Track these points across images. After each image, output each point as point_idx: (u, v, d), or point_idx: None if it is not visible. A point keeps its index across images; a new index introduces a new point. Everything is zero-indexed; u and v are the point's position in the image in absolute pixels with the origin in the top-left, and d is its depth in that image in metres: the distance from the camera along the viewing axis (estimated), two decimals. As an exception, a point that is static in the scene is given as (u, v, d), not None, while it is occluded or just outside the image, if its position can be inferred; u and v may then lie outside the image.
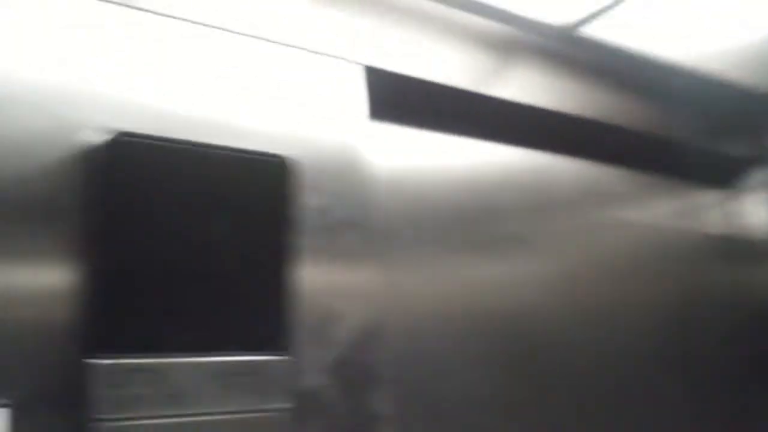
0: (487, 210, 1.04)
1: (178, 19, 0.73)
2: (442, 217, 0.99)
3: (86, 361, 0.58)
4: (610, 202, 1.23)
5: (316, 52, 0.83)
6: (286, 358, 0.68)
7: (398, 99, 0.94)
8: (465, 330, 0.97)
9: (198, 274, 0.63)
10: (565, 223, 1.15)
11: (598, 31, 1.04)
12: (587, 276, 1.15)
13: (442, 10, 0.96)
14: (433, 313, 0.95)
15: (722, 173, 1.40)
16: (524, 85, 1.03)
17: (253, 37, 0.78)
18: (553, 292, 1.09)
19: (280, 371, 0.67)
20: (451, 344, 0.95)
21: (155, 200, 0.61)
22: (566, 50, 1.09)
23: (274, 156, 0.67)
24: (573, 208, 1.17)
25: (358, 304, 0.77)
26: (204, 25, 0.74)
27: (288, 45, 0.80)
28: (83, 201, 0.61)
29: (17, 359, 0.57)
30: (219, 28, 0.75)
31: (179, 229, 0.62)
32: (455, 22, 0.98)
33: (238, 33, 0.77)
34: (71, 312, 0.59)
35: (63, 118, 0.63)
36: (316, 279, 0.75)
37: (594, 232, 1.19)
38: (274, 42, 0.79)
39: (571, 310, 1.10)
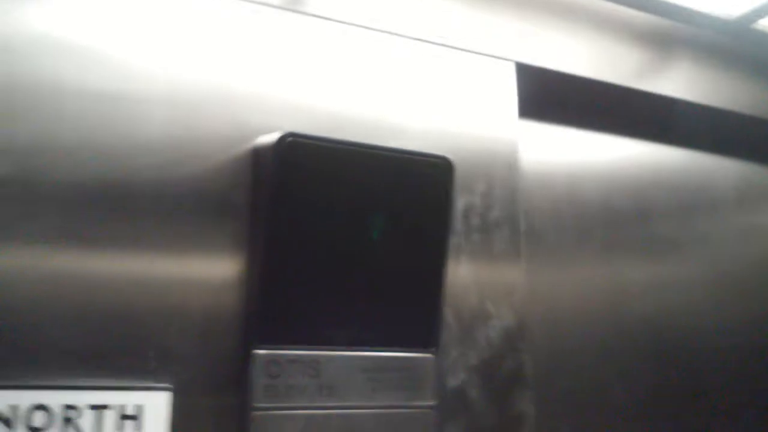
0: (636, 211, 1.00)
1: (339, 22, 0.74)
2: (591, 217, 0.96)
3: (248, 350, 0.60)
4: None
5: (467, 50, 0.82)
6: (434, 356, 0.68)
7: (549, 96, 0.91)
8: (608, 333, 0.94)
9: (356, 272, 0.64)
10: (718, 226, 1.09)
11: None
12: (739, 282, 1.08)
13: (599, 3, 0.92)
14: (577, 315, 0.92)
15: None
16: (683, 81, 0.98)
17: (405, 36, 0.78)
18: (702, 297, 1.04)
19: (427, 368, 0.67)
20: (593, 347, 0.93)
21: (320, 199, 0.62)
22: (732, 44, 1.02)
23: (438, 157, 0.68)
24: (727, 211, 1.10)
25: (505, 305, 0.76)
26: (359, 26, 0.75)
27: (439, 44, 0.80)
28: (253, 199, 0.64)
29: (183, 346, 0.60)
30: (372, 29, 0.76)
31: (342, 228, 0.63)
32: (611, 15, 0.94)
33: (391, 33, 0.77)
34: (237, 304, 0.63)
35: (241, 121, 0.66)
36: (464, 278, 0.74)
37: (748, 236, 1.12)
38: (425, 41, 0.79)
39: (721, 317, 1.05)
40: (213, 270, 0.63)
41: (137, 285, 0.60)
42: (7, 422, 0.53)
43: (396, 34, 0.77)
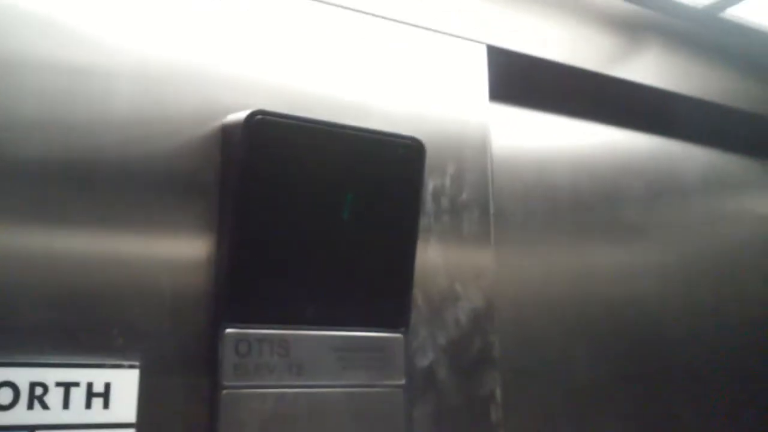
0: (605, 196, 1.01)
1: (310, -2, 0.74)
2: (559, 201, 0.97)
3: (218, 329, 0.61)
4: (734, 192, 1.18)
5: (439, 32, 0.82)
6: (403, 335, 0.69)
7: (520, 80, 0.92)
8: (574, 317, 0.96)
9: (326, 251, 0.65)
10: (685, 213, 1.11)
11: (740, 13, 0.98)
12: (704, 268, 1.11)
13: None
14: (543, 298, 0.94)
15: None
16: (653, 68, 0.99)
17: (374, 15, 0.78)
18: (667, 283, 1.06)
19: (396, 348, 0.68)
20: (558, 330, 0.94)
21: (290, 178, 0.62)
22: (703, 32, 1.03)
23: (409, 138, 0.68)
24: (695, 198, 1.12)
25: (474, 286, 0.77)
26: (330, 4, 0.75)
27: (410, 24, 0.80)
28: (222, 177, 0.64)
29: (152, 324, 0.60)
30: (342, 6, 0.76)
31: (311, 207, 0.63)
32: (583, 1, 0.95)
33: (360, 11, 0.77)
34: (207, 283, 0.62)
35: (210, 99, 0.66)
36: (433, 260, 0.75)
37: (715, 223, 1.14)
38: (395, 21, 0.79)
39: (684, 303, 1.07)
40: (182, 248, 0.62)
41: (105, 263, 0.59)
42: (-28, 399, 0.52)
43: (367, 13, 0.77)
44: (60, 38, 0.61)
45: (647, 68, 0.99)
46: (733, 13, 1.00)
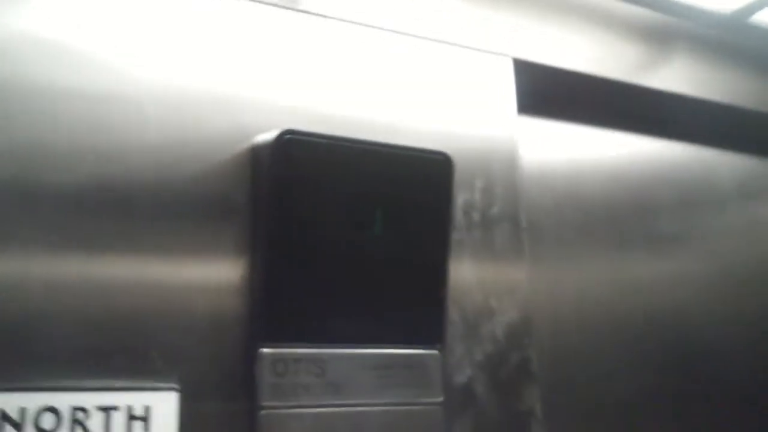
0: (638, 207, 1.00)
1: (335, 19, 0.75)
2: (592, 213, 0.96)
3: (254, 349, 0.61)
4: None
5: (464, 46, 0.82)
6: (439, 352, 0.68)
7: (548, 92, 0.92)
8: (611, 331, 0.94)
9: (359, 270, 0.65)
10: (721, 221, 1.09)
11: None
12: (744, 277, 1.08)
13: (596, -1, 0.93)
14: (579, 313, 0.92)
15: None
16: (682, 76, 0.98)
17: (401, 33, 0.79)
18: (707, 293, 1.04)
19: (433, 365, 0.68)
20: (596, 345, 0.93)
21: (320, 196, 0.63)
22: (731, 39, 1.02)
23: (437, 153, 0.68)
24: (731, 205, 1.11)
25: (509, 300, 0.76)
26: (355, 23, 0.76)
27: (434, 40, 0.81)
28: (253, 198, 0.64)
29: (189, 347, 0.60)
30: (365, 25, 0.76)
31: (343, 225, 0.64)
32: (609, 11, 0.94)
33: (383, 29, 0.78)
34: (242, 304, 0.63)
35: (237, 122, 0.67)
36: (467, 275, 0.75)
37: (752, 230, 1.12)
38: (420, 37, 0.80)
39: (726, 313, 1.04)
40: (216, 270, 0.63)
41: (141, 287, 0.60)
42: (16, 425, 0.53)
43: (392, 31, 0.78)
44: (89, 69, 0.62)
45: (676, 76, 0.98)
46: (761, 18, 0.99)
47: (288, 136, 0.61)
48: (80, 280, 0.58)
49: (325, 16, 0.74)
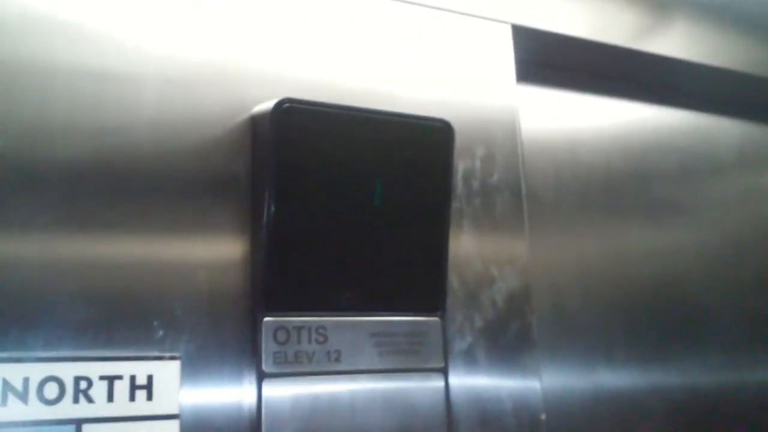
0: (639, 174, 1.00)
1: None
2: (592, 181, 0.96)
3: (256, 318, 0.61)
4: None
5: (462, 13, 0.82)
6: (440, 319, 0.68)
7: (546, 59, 0.91)
8: (610, 299, 0.95)
9: (359, 237, 0.65)
10: (722, 189, 1.09)
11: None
12: (744, 245, 1.08)
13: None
14: (579, 280, 0.93)
15: None
16: (682, 41, 0.98)
17: (398, 0, 0.78)
18: (706, 261, 1.04)
19: (434, 332, 0.68)
20: (594, 312, 0.93)
21: (320, 165, 0.62)
22: (731, 3, 1.01)
23: (437, 120, 0.67)
24: (732, 173, 1.10)
25: (509, 268, 0.76)
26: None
27: (431, 6, 0.80)
28: (253, 167, 0.64)
29: (191, 316, 0.61)
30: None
31: (343, 194, 0.64)
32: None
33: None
34: (242, 272, 0.63)
35: (236, 94, 0.66)
36: (467, 242, 0.75)
37: (753, 198, 1.12)
38: (418, 4, 0.79)
39: (726, 281, 1.05)
40: (217, 240, 0.63)
41: (142, 257, 0.60)
42: (19, 395, 0.53)
43: (390, -2, 0.77)
44: (87, 44, 0.61)
45: (674, 41, 0.97)
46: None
47: (287, 104, 0.61)
48: (81, 253, 0.58)
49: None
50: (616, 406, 0.91)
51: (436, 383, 0.68)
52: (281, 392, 0.60)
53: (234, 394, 0.61)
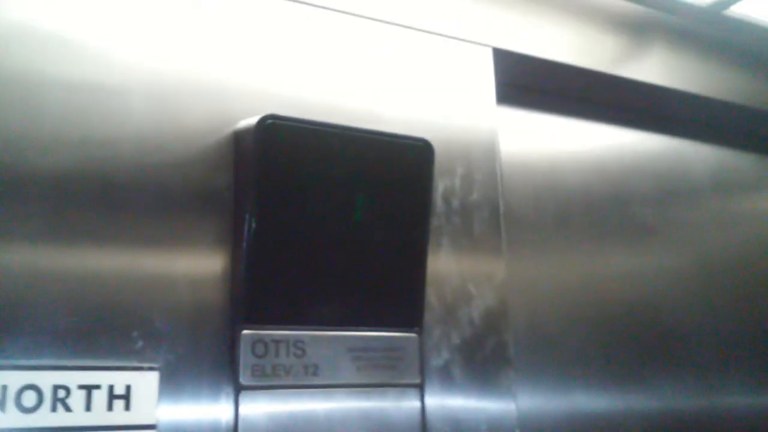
0: (616, 197, 1.02)
1: (316, 6, 0.75)
2: (570, 202, 0.97)
3: (235, 331, 0.62)
4: (747, 190, 1.18)
5: (444, 35, 0.83)
6: (418, 335, 0.69)
7: (527, 82, 0.93)
8: (587, 319, 0.96)
9: (339, 253, 0.65)
10: (697, 212, 1.11)
11: (744, 10, 0.99)
12: (719, 269, 1.10)
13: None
14: (555, 300, 0.94)
15: None
16: (660, 67, 1.00)
17: (382, 22, 0.80)
18: (681, 283, 1.06)
19: (411, 348, 0.69)
20: (571, 331, 0.94)
21: (302, 180, 0.64)
22: (708, 31, 1.04)
23: (418, 140, 0.69)
24: (706, 197, 1.13)
25: (487, 286, 0.78)
26: (336, 11, 0.77)
27: (415, 29, 0.82)
28: (236, 181, 0.65)
29: (170, 328, 0.61)
30: (347, 12, 0.77)
31: (324, 209, 0.65)
32: (588, 1, 0.96)
33: (368, 18, 0.79)
34: (222, 285, 0.64)
35: (221, 111, 0.67)
36: (446, 260, 0.76)
37: (728, 222, 1.14)
38: (401, 26, 0.81)
39: (700, 304, 1.06)
40: (198, 252, 0.64)
41: (123, 268, 0.61)
42: (-3, 403, 0.53)
43: (373, 19, 0.79)
44: (74, 57, 0.63)
45: (653, 67, 1.00)
46: (737, 10, 1.01)
47: (270, 120, 0.62)
48: (64, 263, 0.59)
49: (307, 4, 0.75)
50: (591, 427, 0.92)
51: (412, 399, 0.69)
52: (258, 405, 0.61)
53: (211, 406, 0.61)
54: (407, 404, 0.68)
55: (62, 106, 0.61)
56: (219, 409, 0.61)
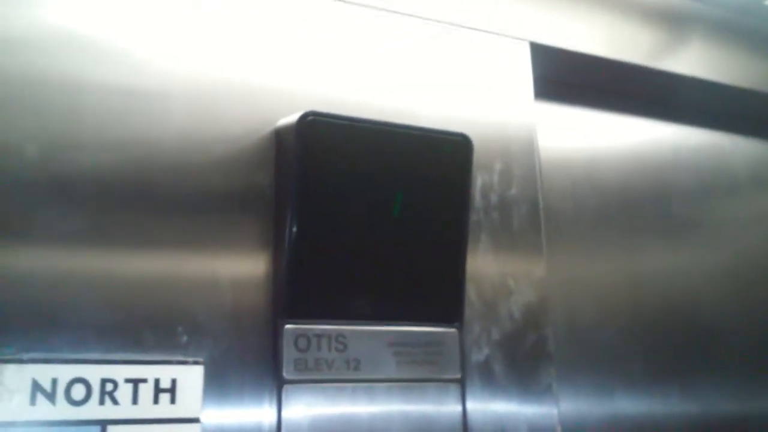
0: (655, 192, 1.01)
1: (353, 4, 0.76)
2: (609, 197, 0.96)
3: (278, 325, 0.62)
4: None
5: (481, 30, 0.83)
6: (457, 330, 0.69)
7: (564, 76, 0.92)
8: (626, 316, 0.95)
9: (379, 248, 0.66)
10: (738, 207, 1.09)
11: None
12: (760, 263, 1.08)
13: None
14: (594, 296, 0.93)
15: None
16: (698, 60, 0.99)
17: (419, 17, 0.79)
18: (723, 280, 1.04)
19: (451, 343, 0.69)
20: (610, 328, 0.93)
21: (342, 176, 0.64)
22: (747, 22, 1.02)
23: (456, 135, 0.69)
24: (747, 191, 1.11)
25: (526, 281, 0.77)
26: (374, 8, 0.77)
27: (452, 24, 0.81)
28: (277, 179, 0.66)
29: (215, 322, 0.62)
30: (383, 9, 0.77)
31: (364, 205, 0.65)
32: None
33: (401, 13, 0.79)
34: (265, 280, 0.64)
35: (261, 113, 0.68)
36: (485, 255, 0.76)
37: (765, 215, 1.12)
38: (439, 21, 0.81)
39: (742, 301, 1.05)
40: (242, 248, 0.64)
41: (169, 264, 0.62)
42: (47, 395, 0.55)
43: (409, 15, 0.79)
44: (115, 63, 0.64)
45: (692, 59, 0.98)
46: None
47: (311, 117, 0.63)
48: (110, 262, 0.60)
49: (344, 1, 0.75)
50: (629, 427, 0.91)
51: (453, 394, 0.68)
52: (301, 399, 0.62)
53: (254, 400, 0.62)
54: (448, 399, 0.68)
55: (103, 110, 0.62)
56: (262, 402, 0.62)
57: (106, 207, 0.61)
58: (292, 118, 0.64)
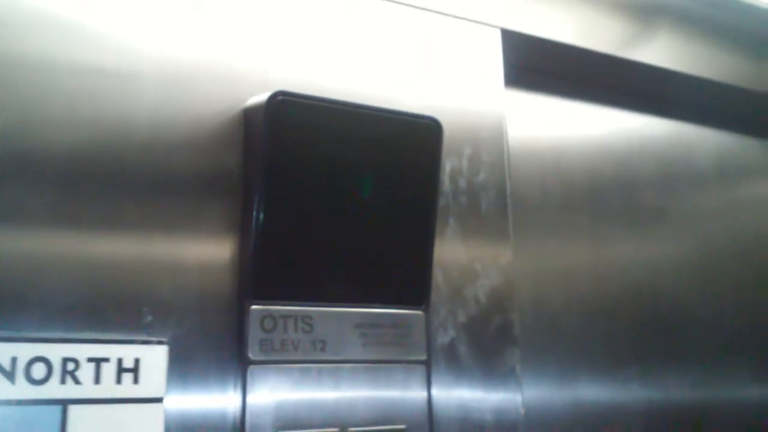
0: (621, 180, 1.02)
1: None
2: (576, 185, 0.97)
3: (244, 305, 0.62)
4: (753, 175, 1.18)
5: (453, 16, 0.83)
6: (424, 312, 0.70)
7: (534, 64, 0.93)
8: (591, 302, 0.96)
9: (347, 230, 0.66)
10: (703, 198, 1.11)
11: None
12: (724, 254, 1.10)
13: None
14: (559, 282, 0.94)
15: None
16: (668, 51, 1.00)
17: (389, 1, 0.79)
18: (686, 268, 1.06)
19: (417, 325, 0.69)
20: (575, 314, 0.95)
21: (311, 157, 0.64)
22: (716, 14, 1.04)
23: (427, 118, 0.69)
24: (712, 182, 1.13)
25: (492, 265, 0.78)
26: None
27: (423, 8, 0.81)
28: (245, 158, 0.65)
29: (179, 302, 0.61)
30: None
31: (333, 186, 0.65)
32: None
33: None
34: (231, 261, 0.64)
35: (231, 94, 0.67)
36: (452, 239, 0.76)
37: (733, 207, 1.14)
38: (409, 5, 0.80)
39: (704, 289, 1.07)
40: (208, 228, 0.64)
41: (134, 242, 0.61)
42: (7, 374, 0.54)
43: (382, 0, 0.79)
44: (85, 42, 0.63)
45: (661, 50, 0.99)
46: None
47: (280, 97, 0.62)
48: (75, 241, 0.59)
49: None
50: (594, 414, 0.92)
51: (419, 376, 0.69)
52: (266, 380, 0.61)
53: (219, 380, 0.61)
54: (413, 381, 0.69)
55: (74, 90, 0.61)
56: (227, 384, 0.61)
57: (73, 186, 0.60)
58: (261, 97, 0.64)
